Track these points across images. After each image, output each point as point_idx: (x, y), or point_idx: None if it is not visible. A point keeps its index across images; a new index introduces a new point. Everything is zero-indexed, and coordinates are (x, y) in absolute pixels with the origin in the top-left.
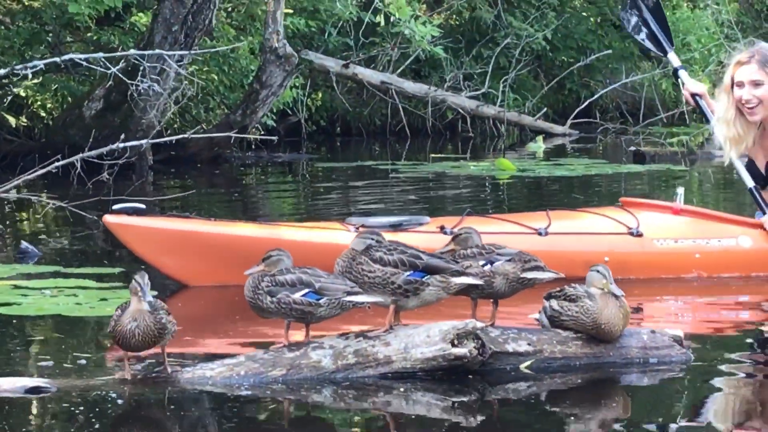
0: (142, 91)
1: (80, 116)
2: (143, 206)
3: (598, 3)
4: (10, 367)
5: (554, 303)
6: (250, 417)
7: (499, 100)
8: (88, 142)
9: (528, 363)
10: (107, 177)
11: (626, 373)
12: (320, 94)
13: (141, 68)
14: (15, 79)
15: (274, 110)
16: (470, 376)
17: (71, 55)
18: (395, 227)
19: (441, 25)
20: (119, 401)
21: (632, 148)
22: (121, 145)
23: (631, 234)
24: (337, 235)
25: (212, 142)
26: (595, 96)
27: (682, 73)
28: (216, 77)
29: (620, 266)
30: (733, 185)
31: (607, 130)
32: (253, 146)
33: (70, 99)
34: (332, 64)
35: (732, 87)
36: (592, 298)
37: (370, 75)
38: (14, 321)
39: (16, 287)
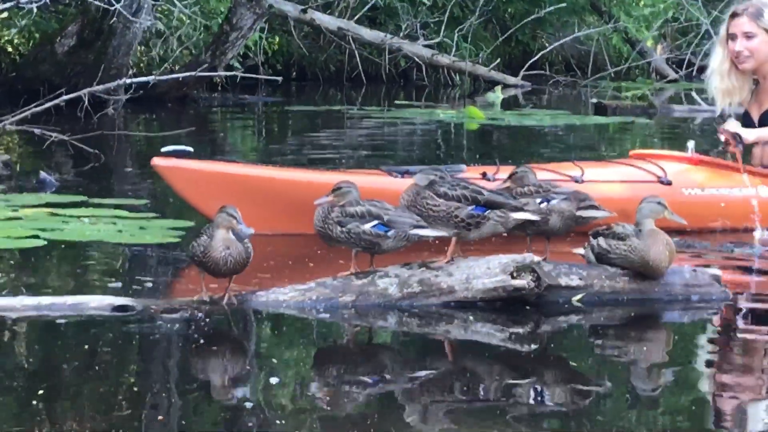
0: (118, 29)
1: (52, 52)
2: (191, 149)
3: None
4: (77, 289)
5: (602, 241)
6: (322, 339)
7: (453, 50)
8: (60, 78)
9: (579, 296)
10: (112, 111)
11: (670, 310)
12: (277, 39)
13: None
14: None
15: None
16: (527, 308)
17: None
18: None
19: None
20: (202, 322)
21: (594, 100)
22: (128, 81)
23: (661, 182)
24: (383, 180)
25: (180, 82)
26: (549, 48)
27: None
28: (185, 17)
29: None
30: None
31: (558, 83)
32: (219, 87)
33: (37, 36)
34: (290, 8)
35: (727, 40)
36: (640, 236)
37: (327, 21)
38: (63, 246)
39: (54, 215)
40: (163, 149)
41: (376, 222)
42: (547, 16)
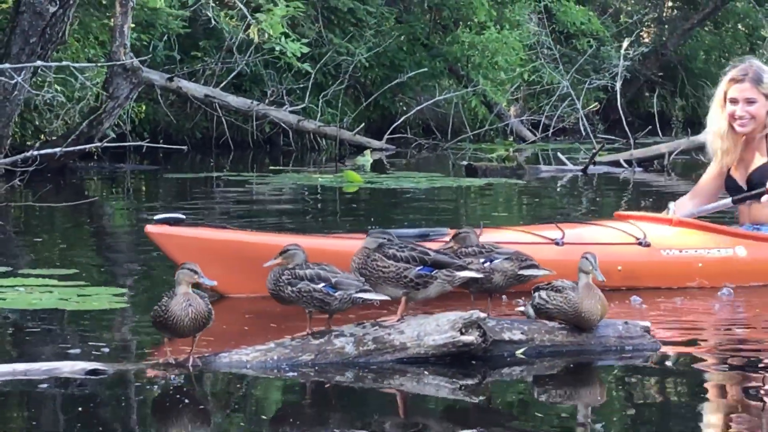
0: None
1: None
2: (183, 216)
3: (410, 22)
4: (37, 355)
5: (542, 293)
6: (284, 396)
7: (318, 115)
8: None
9: (522, 350)
10: (18, 183)
11: (605, 360)
12: (143, 107)
13: None
14: None
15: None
16: (473, 362)
17: None
18: (422, 237)
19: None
20: (170, 383)
21: (464, 163)
22: (35, 152)
23: (640, 244)
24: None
25: (55, 153)
26: (412, 111)
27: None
28: (59, 88)
29: (632, 275)
30: (580, 195)
31: (420, 146)
32: (95, 156)
33: None
34: (156, 77)
35: (725, 102)
36: (575, 290)
37: (193, 88)
38: (11, 315)
39: None
40: (156, 217)
41: (324, 284)
42: (408, 81)
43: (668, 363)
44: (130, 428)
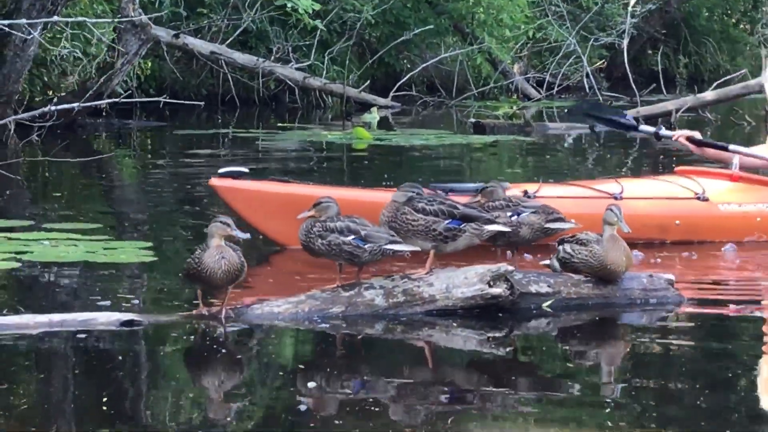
0: (8, 56)
1: None
2: (246, 170)
3: None
4: (69, 307)
5: (567, 246)
6: (315, 347)
7: (324, 73)
8: None
9: (549, 302)
10: (36, 138)
11: (629, 312)
12: (149, 63)
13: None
14: None
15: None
16: (500, 315)
17: None
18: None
19: None
20: (203, 334)
21: (472, 120)
22: (54, 108)
23: (698, 199)
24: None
25: (69, 109)
26: (418, 69)
27: (664, 132)
28: (68, 44)
29: (690, 229)
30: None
31: (426, 103)
32: (104, 113)
33: None
34: (163, 33)
35: None
36: (600, 243)
37: (200, 45)
38: (40, 267)
39: (10, 239)
40: (220, 170)
41: (354, 236)
42: (413, 38)
43: (692, 315)
44: (164, 378)
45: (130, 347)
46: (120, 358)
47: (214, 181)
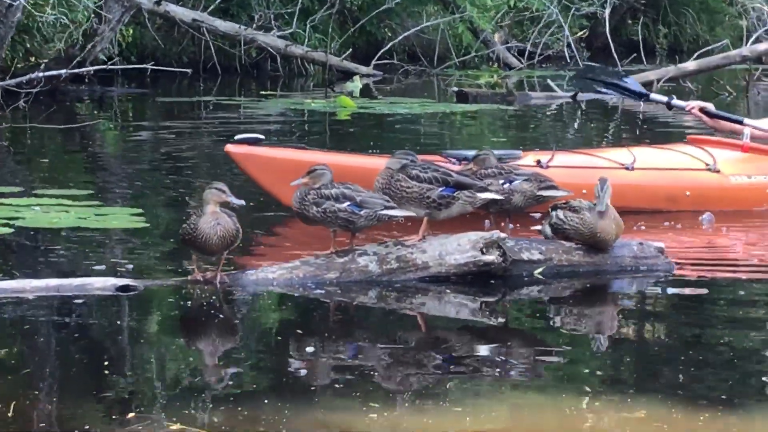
0: None
1: None
2: (262, 137)
3: None
4: (63, 272)
5: (559, 213)
6: (309, 313)
7: (306, 41)
8: None
9: (540, 269)
10: (23, 104)
11: (620, 279)
12: (131, 31)
13: None
14: None
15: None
16: (492, 281)
17: None
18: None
19: None
20: (197, 299)
21: (455, 89)
22: (40, 74)
23: (709, 170)
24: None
25: (56, 75)
26: (399, 38)
27: (676, 101)
28: (50, 10)
29: (700, 200)
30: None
31: (407, 72)
32: (87, 80)
33: None
34: (145, 1)
35: None
36: (592, 211)
37: (181, 12)
38: (33, 233)
39: (1, 204)
40: (236, 137)
41: (349, 202)
42: (395, 7)
43: (682, 283)
44: (159, 342)
45: (125, 312)
46: (117, 322)
47: (230, 148)
